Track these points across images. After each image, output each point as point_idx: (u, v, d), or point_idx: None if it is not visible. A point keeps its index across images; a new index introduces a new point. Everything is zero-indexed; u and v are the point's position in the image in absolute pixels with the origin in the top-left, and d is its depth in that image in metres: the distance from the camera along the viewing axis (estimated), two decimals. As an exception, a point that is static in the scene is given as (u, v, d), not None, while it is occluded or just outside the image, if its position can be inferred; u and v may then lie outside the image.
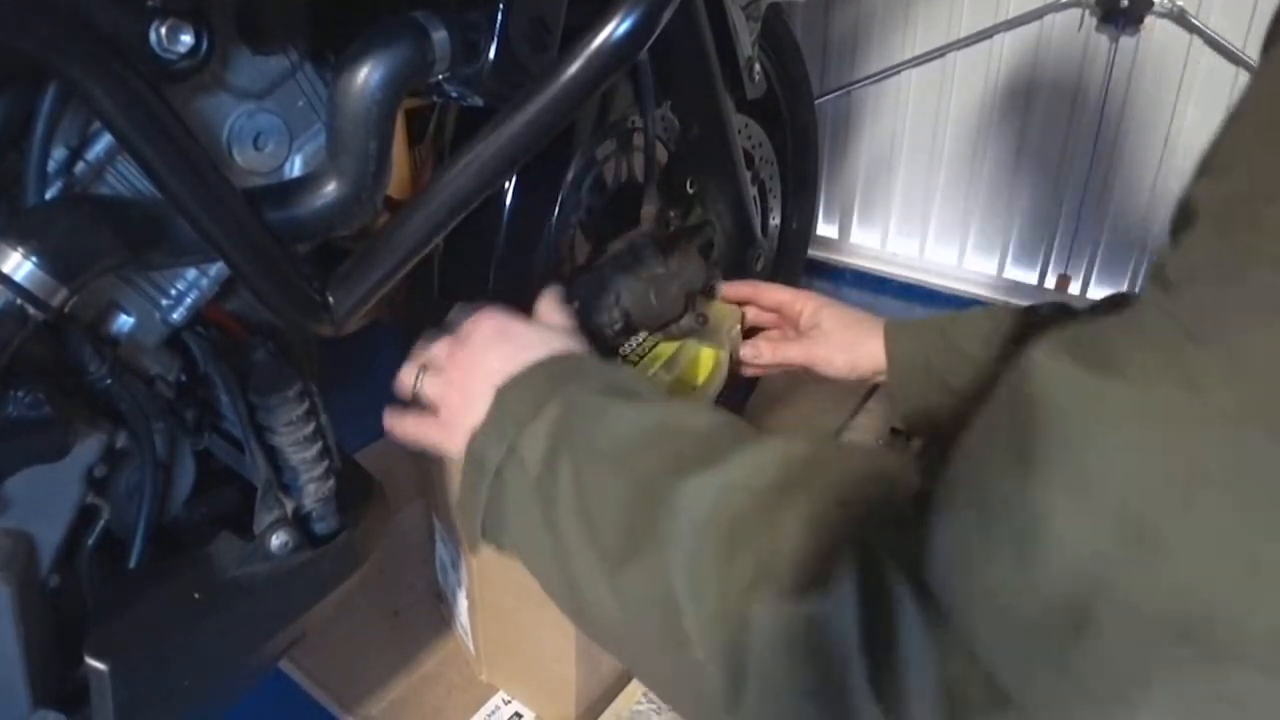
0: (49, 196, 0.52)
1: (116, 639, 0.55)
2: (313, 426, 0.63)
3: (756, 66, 1.05)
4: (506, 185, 0.87)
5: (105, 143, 0.54)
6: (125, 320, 0.59)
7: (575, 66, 0.62)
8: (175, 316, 0.61)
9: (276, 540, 0.61)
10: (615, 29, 0.62)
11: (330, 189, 0.60)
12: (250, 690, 0.71)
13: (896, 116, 1.88)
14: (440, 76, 0.63)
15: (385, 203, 0.64)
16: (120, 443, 0.57)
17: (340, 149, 0.60)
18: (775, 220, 1.27)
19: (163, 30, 0.49)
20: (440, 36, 0.61)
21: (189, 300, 0.61)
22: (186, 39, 0.51)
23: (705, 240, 1.04)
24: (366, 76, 0.58)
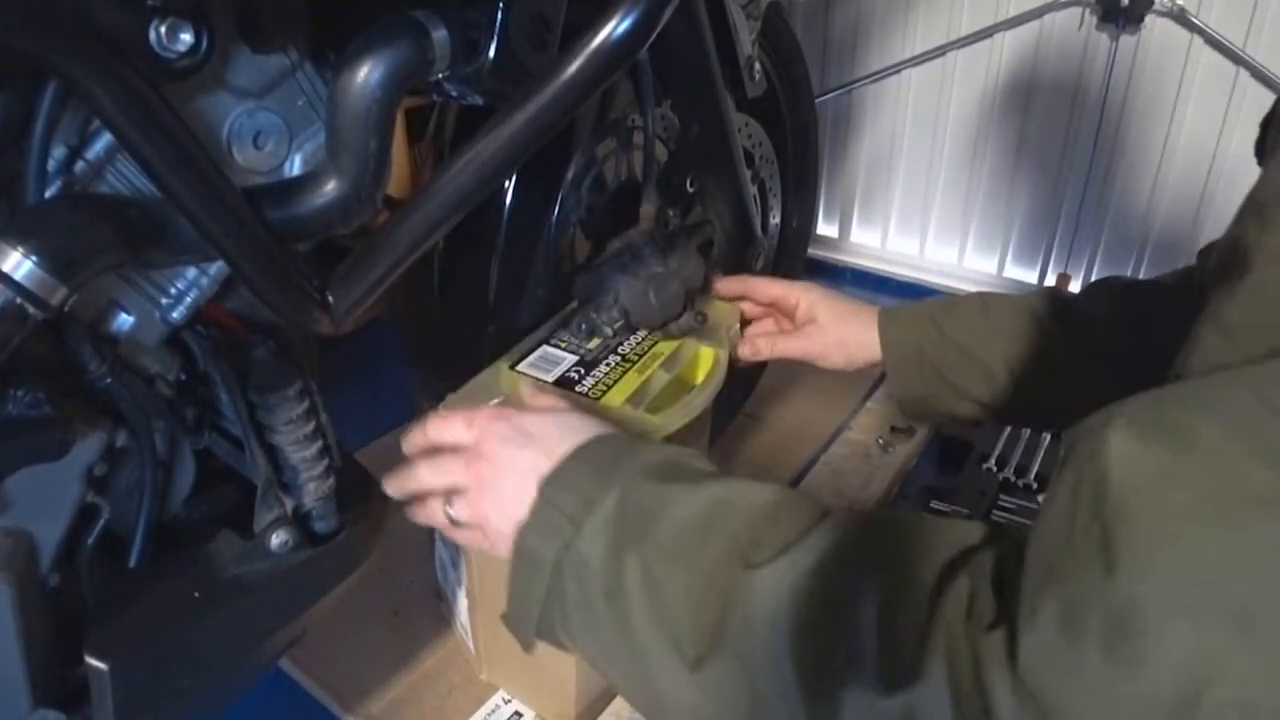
0: (49, 195, 0.52)
1: (116, 638, 0.56)
2: (313, 425, 0.63)
3: (756, 65, 1.05)
4: (506, 184, 0.87)
5: (105, 141, 0.53)
6: (125, 319, 0.59)
7: (575, 65, 0.62)
8: (175, 315, 0.61)
9: (276, 539, 0.61)
10: (615, 28, 0.62)
11: (330, 188, 0.60)
12: (250, 689, 0.72)
13: (897, 115, 1.88)
14: (440, 75, 0.63)
15: (385, 201, 0.64)
16: (120, 441, 0.57)
17: (340, 148, 0.60)
18: (775, 219, 1.27)
19: (162, 29, 0.49)
20: (440, 35, 0.61)
21: (189, 299, 0.61)
22: (186, 38, 0.51)
23: (705, 239, 1.04)
24: (366, 75, 0.58)
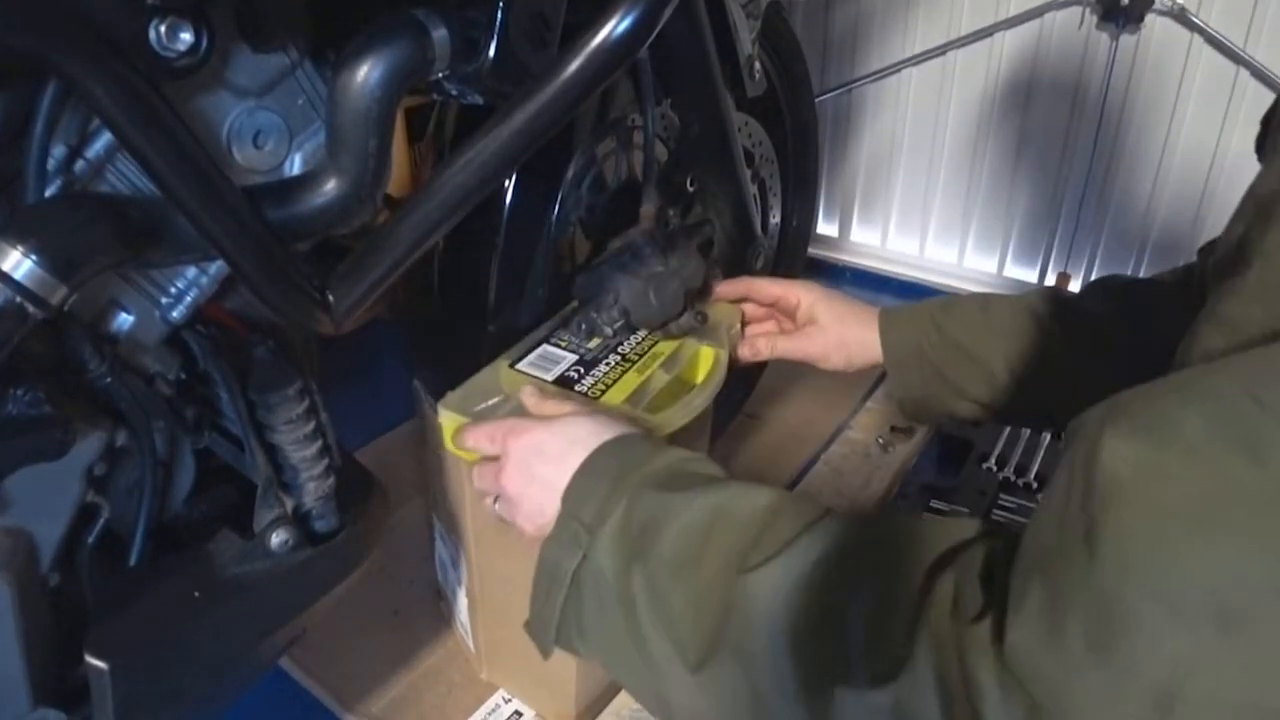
0: (48, 194, 0.52)
1: (117, 637, 0.56)
2: (313, 424, 0.63)
3: (757, 64, 1.05)
4: (506, 183, 0.87)
5: (105, 140, 0.53)
6: (125, 318, 0.59)
7: (575, 64, 0.62)
8: (175, 314, 0.61)
9: (276, 538, 0.61)
10: (615, 27, 0.62)
11: (330, 187, 0.60)
12: (250, 688, 0.72)
13: (897, 115, 1.88)
14: (440, 74, 0.63)
15: (385, 201, 0.64)
16: (120, 441, 0.57)
17: (340, 147, 0.60)
18: (775, 218, 1.27)
19: (162, 28, 0.49)
20: (440, 34, 0.60)
21: (189, 298, 0.61)
22: (186, 37, 0.51)
23: (705, 238, 1.04)
24: (366, 74, 0.58)
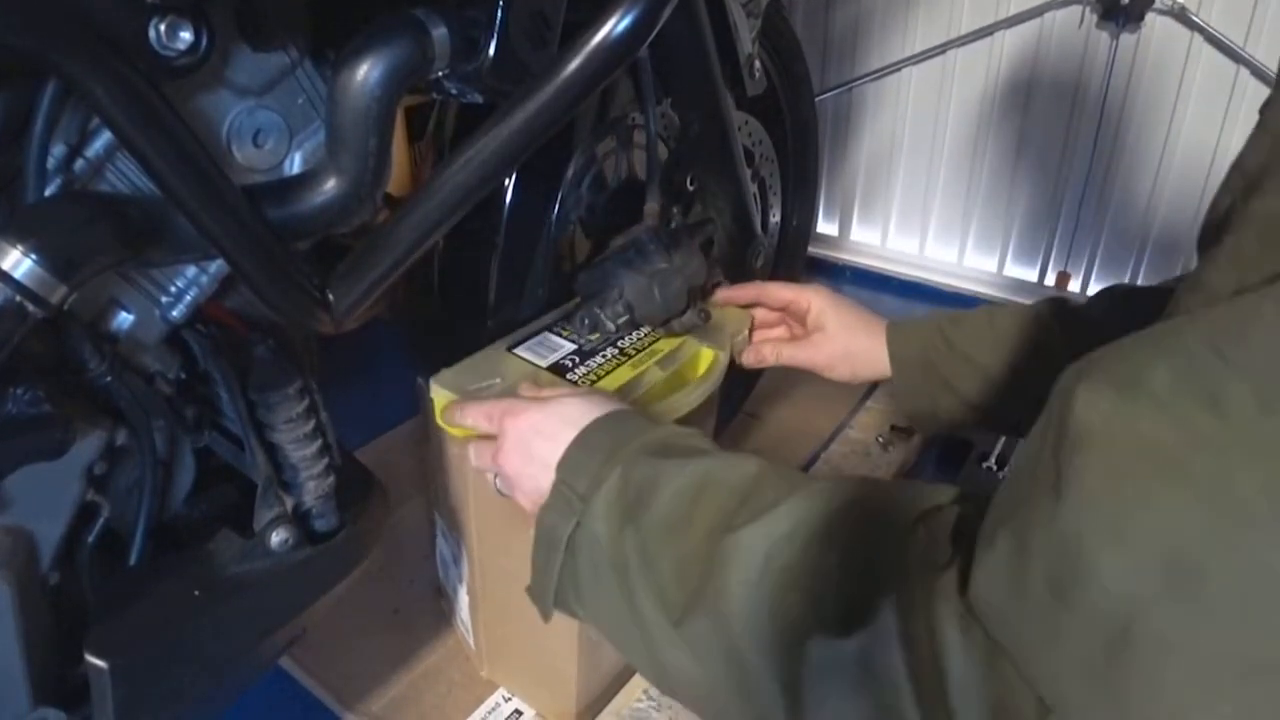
0: (48, 193, 0.52)
1: (117, 637, 0.56)
2: (313, 423, 0.63)
3: (757, 63, 1.05)
4: (506, 182, 0.87)
5: (104, 140, 0.53)
6: (125, 317, 0.59)
7: (575, 63, 0.62)
8: (175, 314, 0.61)
9: (276, 537, 0.61)
10: (615, 26, 0.62)
11: (330, 186, 0.60)
12: (250, 688, 0.72)
13: (897, 114, 1.88)
14: (440, 73, 0.63)
15: (385, 200, 0.64)
16: (120, 440, 0.57)
17: (340, 146, 0.60)
18: (775, 217, 1.27)
19: (162, 27, 0.49)
20: (440, 33, 0.60)
21: (189, 297, 0.61)
22: (186, 36, 0.50)
23: (707, 237, 1.04)
24: (366, 73, 0.58)
